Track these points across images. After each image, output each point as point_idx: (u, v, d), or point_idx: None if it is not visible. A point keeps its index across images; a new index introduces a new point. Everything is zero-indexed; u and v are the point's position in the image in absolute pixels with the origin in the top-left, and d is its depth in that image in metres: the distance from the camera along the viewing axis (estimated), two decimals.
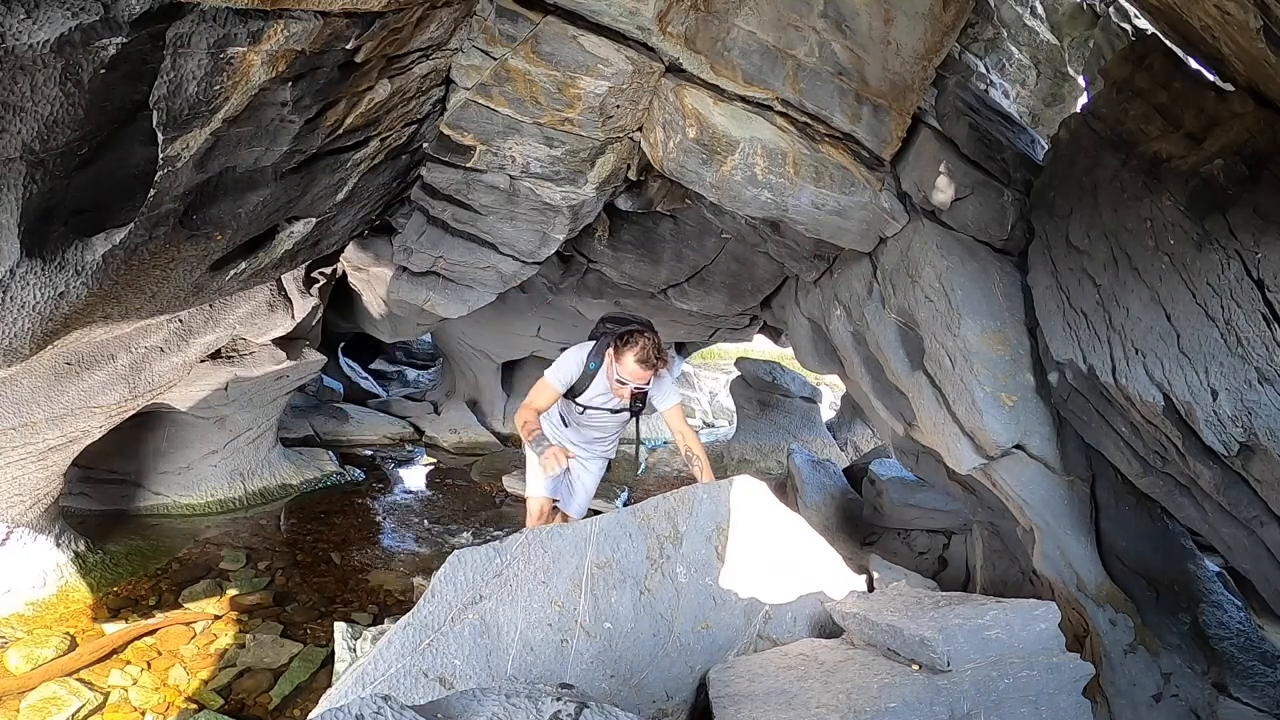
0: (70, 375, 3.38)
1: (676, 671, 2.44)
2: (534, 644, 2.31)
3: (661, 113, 3.62)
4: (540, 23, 3.34)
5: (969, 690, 2.04)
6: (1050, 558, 3.27)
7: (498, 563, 2.42)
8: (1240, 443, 2.27)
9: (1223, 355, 2.33)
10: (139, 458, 5.40)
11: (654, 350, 3.04)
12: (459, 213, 4.67)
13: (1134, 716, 2.94)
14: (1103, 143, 3.16)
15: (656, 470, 8.20)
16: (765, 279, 6.09)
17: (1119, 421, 2.84)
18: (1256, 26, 1.80)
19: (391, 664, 2.16)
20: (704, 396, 12.28)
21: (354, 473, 6.84)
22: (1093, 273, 2.96)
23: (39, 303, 2.26)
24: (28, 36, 1.55)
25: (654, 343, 3.06)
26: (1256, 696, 2.77)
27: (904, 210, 3.87)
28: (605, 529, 2.61)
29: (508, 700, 1.40)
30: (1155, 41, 3.08)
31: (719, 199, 3.84)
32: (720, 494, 2.82)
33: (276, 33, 2.06)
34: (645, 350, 3.01)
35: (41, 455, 3.74)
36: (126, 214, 2.28)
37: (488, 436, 8.73)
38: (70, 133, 1.85)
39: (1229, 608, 3.01)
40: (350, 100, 2.89)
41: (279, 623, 4.11)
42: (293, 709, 3.40)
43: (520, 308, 7.55)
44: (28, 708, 3.17)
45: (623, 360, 3.07)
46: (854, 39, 3.45)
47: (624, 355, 3.05)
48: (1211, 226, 2.46)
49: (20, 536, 4.05)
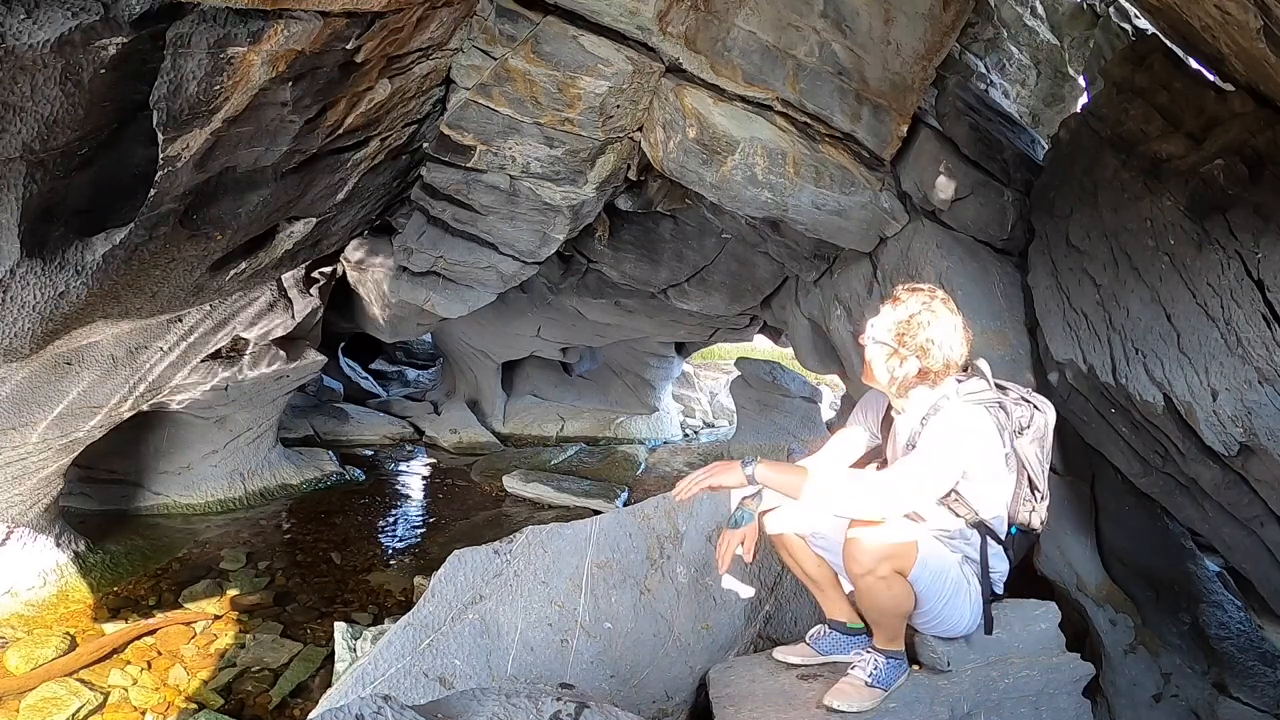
0: (70, 375, 3.38)
1: (676, 671, 2.44)
2: (534, 644, 2.31)
3: (661, 113, 3.62)
4: (540, 23, 3.34)
5: (969, 690, 2.04)
6: (1050, 558, 3.27)
7: (498, 563, 2.42)
8: (1240, 443, 2.27)
9: (1223, 355, 2.33)
10: (139, 458, 5.41)
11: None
12: (459, 213, 4.67)
13: (1134, 716, 2.94)
14: (1103, 143, 3.16)
15: (656, 470, 8.20)
16: (765, 279, 6.09)
17: (1119, 421, 2.84)
18: (1256, 26, 1.80)
19: (391, 664, 2.16)
20: (704, 396, 12.27)
21: (354, 473, 6.84)
22: (1093, 273, 2.96)
23: (39, 302, 2.26)
24: (28, 36, 1.55)
25: None
26: (1256, 696, 2.77)
27: (904, 210, 3.87)
28: (605, 529, 2.61)
29: (508, 700, 1.40)
30: (1155, 41, 3.07)
31: (719, 199, 3.84)
32: (720, 494, 2.82)
33: (276, 33, 2.06)
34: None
35: (41, 455, 3.74)
36: (126, 214, 2.28)
37: (488, 436, 8.73)
38: (70, 133, 1.85)
39: (1229, 608, 3.01)
40: (350, 100, 2.89)
41: (279, 623, 4.11)
42: (293, 709, 3.40)
43: (520, 308, 7.55)
44: (27, 708, 3.17)
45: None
46: (854, 39, 3.45)
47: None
48: (1211, 226, 2.46)
49: (20, 536, 4.06)
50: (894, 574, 1.88)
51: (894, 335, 1.97)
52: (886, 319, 2.00)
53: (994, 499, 1.99)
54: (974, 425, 1.91)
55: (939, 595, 1.95)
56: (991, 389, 2.03)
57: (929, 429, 1.92)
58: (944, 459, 1.87)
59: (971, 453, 1.90)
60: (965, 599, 1.99)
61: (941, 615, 1.99)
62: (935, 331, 1.94)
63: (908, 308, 1.97)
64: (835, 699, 1.99)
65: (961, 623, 2.02)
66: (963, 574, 1.99)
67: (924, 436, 1.92)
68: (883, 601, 1.95)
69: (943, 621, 2.01)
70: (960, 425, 1.89)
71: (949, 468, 1.88)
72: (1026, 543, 2.17)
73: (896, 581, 1.89)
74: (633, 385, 9.76)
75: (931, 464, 1.86)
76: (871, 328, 2.03)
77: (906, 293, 2.01)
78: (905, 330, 1.95)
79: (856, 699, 1.97)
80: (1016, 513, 2.07)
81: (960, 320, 2.00)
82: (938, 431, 1.89)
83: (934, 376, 1.97)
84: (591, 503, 6.53)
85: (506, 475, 7.05)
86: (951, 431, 1.88)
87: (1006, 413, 2.00)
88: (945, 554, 1.98)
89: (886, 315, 2.01)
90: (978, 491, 1.96)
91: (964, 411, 1.93)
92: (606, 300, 6.98)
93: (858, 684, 2.01)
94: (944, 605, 1.97)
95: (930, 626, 2.03)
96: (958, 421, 1.90)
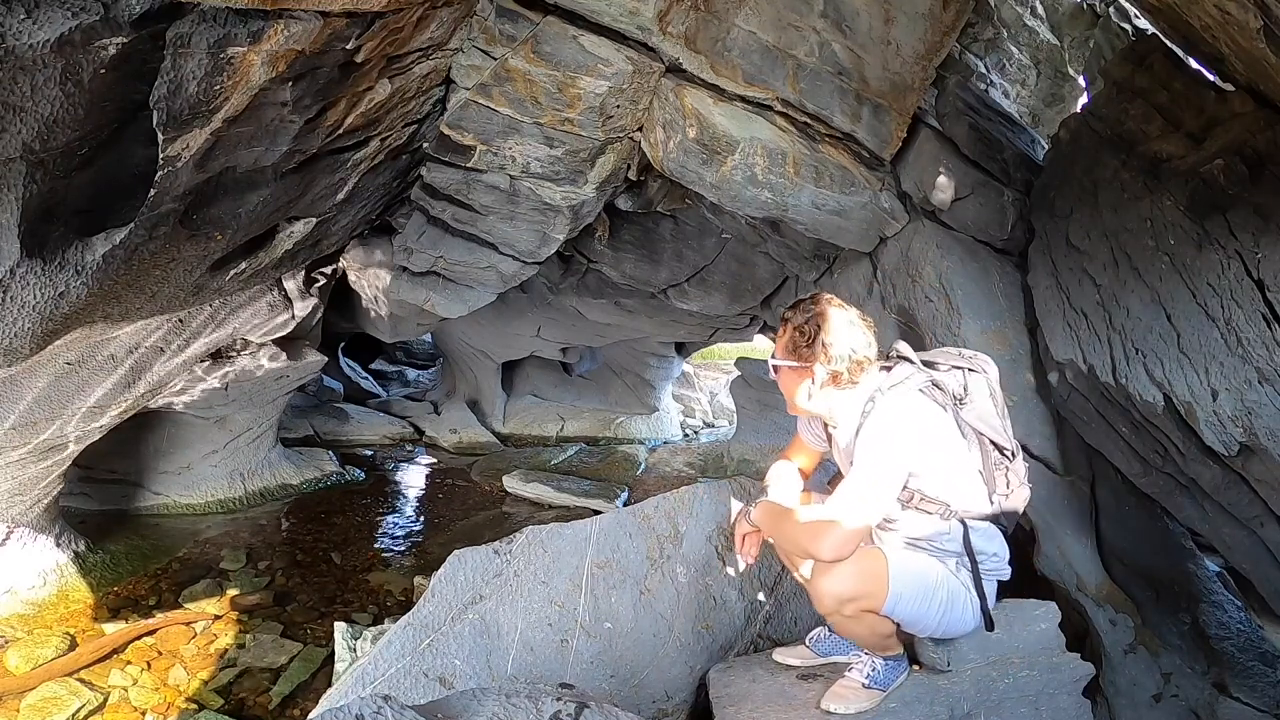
0: (70, 375, 3.37)
1: (676, 671, 2.44)
2: (534, 644, 2.31)
3: (661, 113, 3.62)
4: (540, 23, 3.34)
5: (969, 690, 2.04)
6: (1050, 558, 3.27)
7: (498, 563, 2.42)
8: (1240, 443, 2.27)
9: (1223, 355, 2.33)
10: (139, 458, 5.40)
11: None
12: (459, 213, 4.67)
13: (1134, 716, 2.94)
14: (1103, 143, 3.16)
15: (656, 470, 8.20)
16: (765, 279, 6.09)
17: (1119, 421, 2.84)
18: (1256, 26, 1.80)
19: (391, 664, 2.16)
20: (704, 396, 12.26)
21: (354, 473, 6.84)
22: (1093, 273, 2.96)
23: (39, 302, 2.26)
24: (28, 36, 1.55)
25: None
26: (1256, 696, 2.77)
27: (904, 210, 3.87)
28: (605, 529, 2.61)
29: (508, 700, 1.40)
30: (1155, 41, 3.07)
31: (719, 199, 3.84)
32: (720, 494, 2.82)
33: (276, 33, 2.06)
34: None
35: (41, 455, 3.74)
36: (126, 214, 2.28)
37: (488, 436, 8.72)
38: (70, 133, 1.85)
39: (1229, 608, 3.01)
40: (350, 100, 2.89)
41: (279, 623, 4.11)
42: (293, 709, 3.40)
43: (520, 308, 7.55)
44: (27, 708, 3.16)
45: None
46: (854, 39, 3.45)
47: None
48: (1211, 226, 2.46)
49: (20, 536, 4.05)
50: (862, 612, 1.84)
51: (791, 354, 1.92)
52: (779, 344, 1.96)
53: (961, 482, 1.90)
54: (905, 416, 1.83)
55: (929, 613, 1.90)
56: (919, 370, 1.94)
57: (862, 438, 1.85)
58: (881, 466, 1.80)
59: (909, 446, 1.82)
60: (965, 604, 1.93)
61: (942, 625, 1.95)
62: (828, 333, 1.87)
63: (792, 324, 1.93)
64: (832, 702, 1.98)
65: (967, 626, 1.98)
66: (958, 580, 1.93)
67: (858, 449, 1.84)
68: (857, 632, 1.93)
69: (946, 630, 1.97)
70: (889, 422, 1.82)
71: (890, 472, 1.80)
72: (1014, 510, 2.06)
73: (867, 616, 1.86)
74: (633, 385, 9.75)
75: (870, 476, 1.79)
76: (770, 360, 1.99)
77: (790, 311, 1.97)
78: (798, 343, 1.90)
79: (854, 701, 1.97)
80: (991, 481, 1.97)
81: (854, 313, 1.94)
82: (868, 437, 1.82)
83: (849, 376, 1.89)
84: (591, 503, 6.52)
85: (506, 475, 7.04)
86: (881, 433, 1.81)
87: (941, 388, 1.92)
88: (928, 570, 1.90)
89: (778, 341, 1.97)
90: (938, 481, 1.87)
91: (893, 405, 1.84)
92: (606, 300, 6.98)
93: (855, 685, 2.00)
94: (941, 618, 1.92)
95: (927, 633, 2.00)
96: (887, 419, 1.82)
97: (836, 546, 1.77)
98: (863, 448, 1.83)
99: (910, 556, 1.91)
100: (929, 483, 1.87)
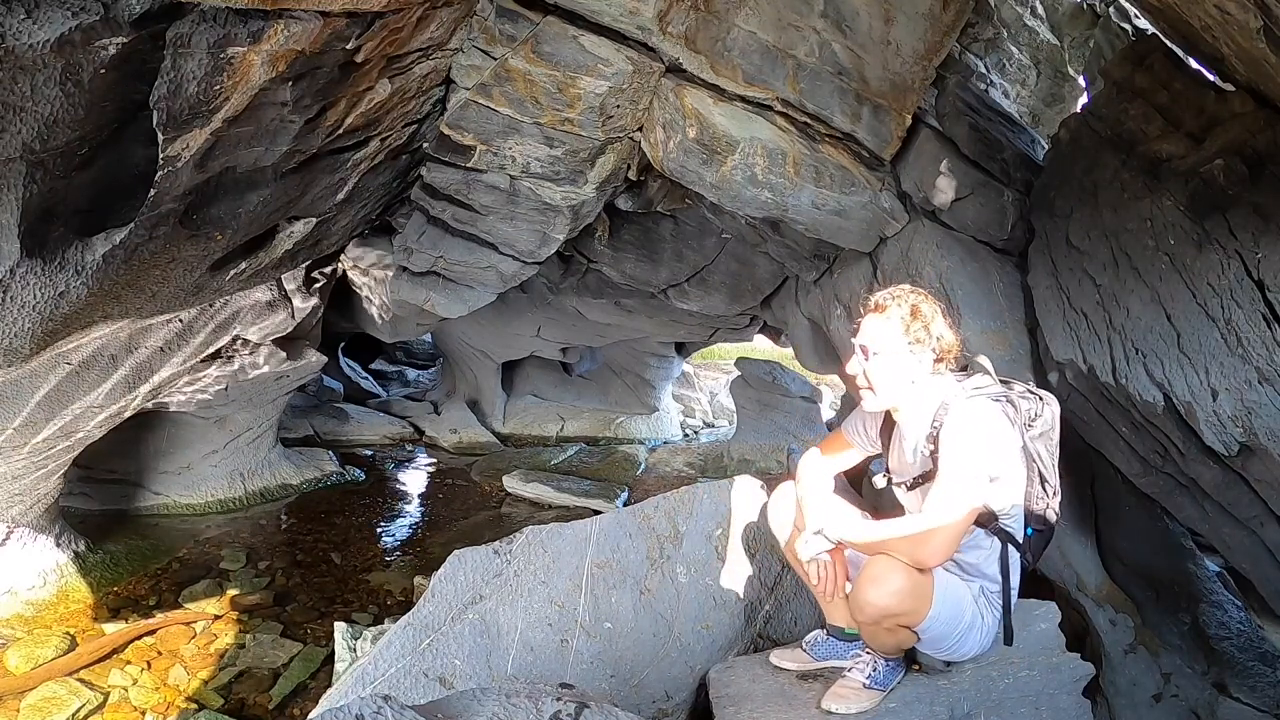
0: (70, 375, 3.38)
1: (676, 671, 2.44)
2: (534, 644, 2.31)
3: (662, 113, 3.62)
4: (540, 23, 3.34)
5: (969, 690, 2.04)
6: (1050, 558, 3.27)
7: (498, 563, 2.42)
8: (1240, 443, 2.27)
9: (1223, 355, 2.33)
10: (139, 458, 5.40)
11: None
12: (459, 213, 4.67)
13: (1134, 716, 2.94)
14: (1103, 143, 3.16)
15: (656, 470, 8.20)
16: (765, 279, 6.09)
17: (1119, 421, 2.84)
18: (1256, 26, 1.80)
19: (391, 664, 2.16)
20: (704, 396, 12.27)
21: (354, 473, 6.84)
22: (1093, 273, 2.96)
23: (39, 302, 2.26)
24: (28, 36, 1.55)
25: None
26: (1256, 696, 2.77)
27: (904, 210, 3.87)
28: (605, 529, 2.61)
29: (508, 700, 1.40)
30: (1155, 41, 3.07)
31: (719, 199, 3.84)
32: (720, 494, 2.82)
33: (276, 33, 2.06)
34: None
35: (41, 455, 3.74)
36: (126, 214, 2.28)
37: (488, 436, 8.73)
38: (70, 133, 1.85)
39: (1229, 608, 3.01)
40: (350, 100, 2.89)
41: (279, 623, 4.11)
42: (293, 709, 3.40)
43: (520, 308, 7.55)
44: (28, 707, 3.17)
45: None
46: (854, 39, 3.45)
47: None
48: (1211, 226, 2.46)
49: (20, 536, 4.06)
50: (899, 627, 1.84)
51: (907, 337, 1.88)
52: (887, 328, 1.90)
53: (1012, 498, 1.90)
54: (991, 422, 1.82)
55: (951, 635, 1.91)
56: (996, 383, 1.96)
57: (946, 440, 1.81)
58: (973, 471, 1.78)
59: (995, 453, 1.81)
60: (977, 633, 1.94)
61: (952, 650, 1.96)
62: (936, 320, 1.89)
63: (902, 307, 1.90)
64: (833, 702, 1.98)
65: (970, 652, 1.99)
66: (978, 609, 1.93)
67: (944, 451, 1.81)
68: (884, 644, 1.94)
69: (952, 653, 1.98)
70: (979, 427, 1.80)
71: (980, 476, 1.79)
72: (1043, 542, 2.08)
73: (901, 632, 1.87)
74: (633, 385, 9.76)
75: (964, 483, 1.77)
76: (872, 343, 1.90)
77: (887, 298, 1.93)
78: (910, 324, 1.87)
79: (855, 701, 1.97)
80: (1031, 510, 1.97)
81: (941, 305, 1.97)
82: (958, 442, 1.79)
83: (944, 363, 1.90)
84: (591, 503, 6.52)
85: (506, 475, 7.04)
86: (973, 437, 1.79)
87: (1015, 406, 1.92)
88: (961, 596, 1.91)
89: (882, 325, 1.90)
90: (998, 492, 1.86)
91: (976, 409, 1.83)
92: (606, 300, 6.98)
93: (855, 686, 2.00)
94: (956, 642, 1.93)
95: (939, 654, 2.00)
96: (976, 423, 1.80)
97: (943, 550, 1.78)
98: (951, 451, 1.80)
99: (950, 578, 1.91)
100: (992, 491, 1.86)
